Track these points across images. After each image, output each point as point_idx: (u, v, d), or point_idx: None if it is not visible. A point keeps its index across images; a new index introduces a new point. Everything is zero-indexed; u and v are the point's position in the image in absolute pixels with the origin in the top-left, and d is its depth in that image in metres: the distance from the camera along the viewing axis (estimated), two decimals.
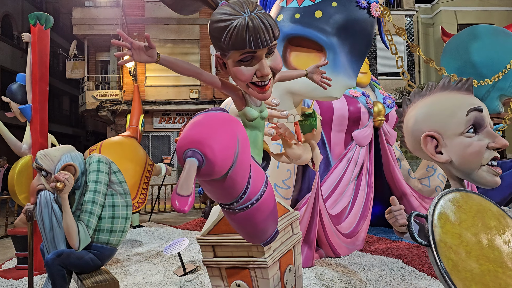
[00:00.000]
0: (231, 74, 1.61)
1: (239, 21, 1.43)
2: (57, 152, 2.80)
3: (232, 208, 1.57)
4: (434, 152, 1.93)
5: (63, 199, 2.61)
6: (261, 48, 1.48)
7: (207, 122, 1.33)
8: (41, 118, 4.04)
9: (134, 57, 1.50)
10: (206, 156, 1.26)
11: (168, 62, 1.58)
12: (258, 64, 1.55)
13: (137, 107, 7.91)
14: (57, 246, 2.71)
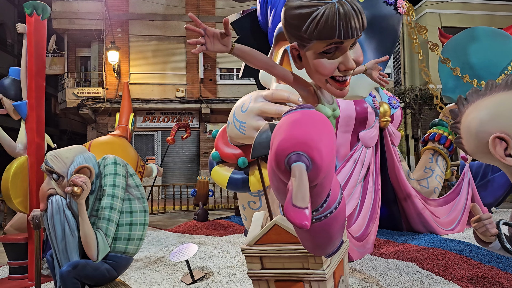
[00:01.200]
0: (310, 67, 1.43)
1: (328, 6, 1.26)
2: (69, 153, 2.55)
3: None
4: (503, 155, 1.81)
5: (80, 205, 2.37)
6: (350, 38, 1.31)
7: (310, 121, 1.16)
8: (37, 115, 3.74)
9: (207, 45, 1.31)
10: (314, 161, 1.09)
11: (243, 53, 1.40)
12: (342, 57, 1.39)
13: (127, 105, 7.58)
14: (70, 257, 2.47)
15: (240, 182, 3.66)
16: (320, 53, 1.37)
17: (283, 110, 2.92)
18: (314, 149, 1.08)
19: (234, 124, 3.38)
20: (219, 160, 3.78)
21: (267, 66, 1.45)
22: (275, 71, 1.47)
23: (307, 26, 1.30)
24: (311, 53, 1.39)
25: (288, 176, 1.12)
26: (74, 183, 2.30)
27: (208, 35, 1.29)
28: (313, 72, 1.44)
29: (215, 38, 1.31)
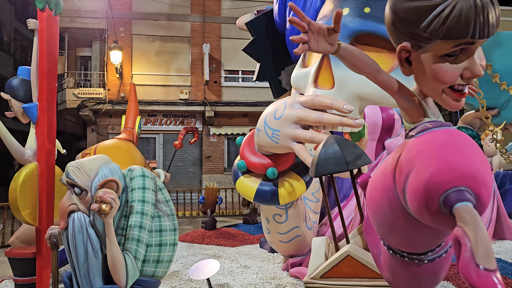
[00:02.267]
0: (425, 73, 1.16)
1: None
2: (93, 164, 2.27)
3: (420, 259, 1.16)
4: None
5: (108, 224, 2.08)
6: (485, 37, 1.04)
7: (467, 145, 0.88)
8: (49, 119, 3.44)
9: (310, 43, 1.03)
10: (480, 199, 0.82)
11: (350, 54, 1.13)
12: (467, 61, 1.11)
13: (133, 107, 7.28)
14: (92, 281, 2.18)
15: (269, 194, 3.37)
16: (441, 56, 1.10)
17: (325, 118, 2.64)
18: (482, 183, 0.81)
19: (265, 132, 3.10)
20: (245, 170, 3.49)
21: (373, 71, 1.18)
22: (379, 78, 1.20)
23: (429, 22, 1.03)
24: (429, 55, 1.11)
25: (437, 219, 0.85)
26: (101, 200, 2.02)
27: (312, 31, 1.02)
28: (427, 79, 1.17)
29: (320, 35, 1.04)
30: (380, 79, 1.21)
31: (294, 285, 3.69)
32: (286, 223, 3.83)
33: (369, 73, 1.19)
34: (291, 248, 4.06)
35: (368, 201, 1.21)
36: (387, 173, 1.06)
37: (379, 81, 1.21)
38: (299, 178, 3.46)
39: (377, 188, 1.12)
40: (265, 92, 12.51)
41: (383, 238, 1.20)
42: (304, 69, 3.31)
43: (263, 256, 4.90)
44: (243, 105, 12.38)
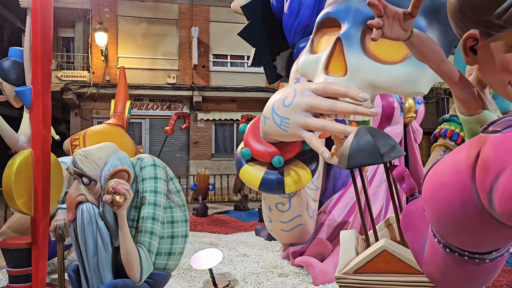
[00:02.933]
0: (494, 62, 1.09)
1: None
2: (101, 152, 2.15)
3: (482, 258, 1.12)
4: None
5: (121, 216, 1.98)
6: None
7: None
8: (43, 104, 3.26)
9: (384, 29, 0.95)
10: None
11: (421, 41, 1.05)
12: None
13: (123, 92, 7.07)
14: (102, 275, 2.08)
15: (275, 183, 3.30)
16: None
17: (338, 106, 2.57)
18: None
19: (273, 120, 3.01)
20: (250, 158, 3.41)
21: (439, 60, 1.11)
22: (443, 67, 1.13)
23: (506, 9, 0.96)
24: (500, 44, 1.04)
25: None
26: (115, 191, 1.91)
27: (388, 15, 0.93)
28: (494, 70, 1.09)
29: (395, 20, 0.96)
30: (443, 69, 1.13)
31: (297, 274, 3.66)
32: (288, 212, 3.78)
33: (435, 61, 1.11)
34: (293, 237, 4.02)
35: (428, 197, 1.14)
36: (461, 170, 0.99)
37: (442, 70, 1.14)
38: (305, 167, 3.40)
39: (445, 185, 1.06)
40: (253, 78, 12.38)
41: (442, 236, 1.14)
42: (313, 55, 3.22)
43: (260, 244, 4.86)
44: (232, 90, 12.22)
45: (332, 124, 2.68)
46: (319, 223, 4.35)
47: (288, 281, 3.48)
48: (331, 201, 4.61)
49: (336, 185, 4.85)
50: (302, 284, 3.42)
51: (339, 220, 4.35)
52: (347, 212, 4.42)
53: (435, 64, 1.13)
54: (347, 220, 4.32)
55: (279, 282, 3.46)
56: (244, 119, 7.76)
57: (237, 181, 7.85)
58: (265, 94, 12.31)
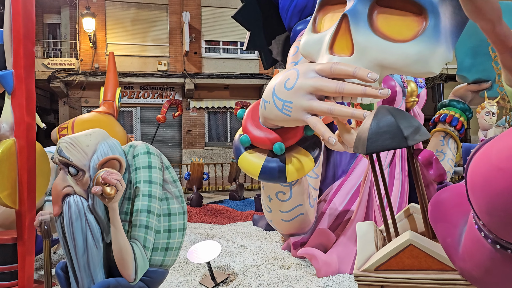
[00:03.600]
0: None
1: None
2: (89, 139, 1.95)
3: None
4: None
5: (113, 210, 1.79)
6: None
7: None
8: (27, 89, 3.04)
9: None
10: None
11: None
12: None
13: (113, 78, 6.81)
14: (93, 274, 1.90)
15: (276, 171, 3.12)
16: None
17: (345, 88, 2.39)
18: None
19: (274, 104, 2.82)
20: (249, 145, 3.22)
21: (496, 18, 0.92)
22: (498, 28, 0.95)
23: None
24: None
25: None
26: (105, 182, 1.71)
27: None
28: None
29: None
30: (498, 31, 0.95)
31: (299, 266, 3.51)
32: (289, 201, 3.61)
33: (491, 20, 0.92)
34: (293, 227, 3.87)
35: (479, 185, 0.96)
36: None
37: (497, 32, 0.95)
38: (308, 154, 3.22)
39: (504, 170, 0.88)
40: (247, 64, 12.12)
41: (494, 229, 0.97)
42: (316, 34, 3.02)
43: (259, 234, 4.70)
44: (225, 78, 11.96)
45: (339, 108, 2.49)
46: (320, 212, 4.20)
47: (290, 274, 3.33)
48: (331, 189, 4.46)
49: (336, 172, 4.69)
50: (304, 276, 3.27)
51: (341, 208, 4.20)
52: (349, 201, 4.27)
53: (491, 24, 0.95)
54: (348, 208, 4.18)
55: (281, 275, 3.31)
56: (238, 106, 7.55)
57: (232, 170, 7.68)
58: (258, 81, 12.07)
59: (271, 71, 12.31)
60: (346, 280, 3.12)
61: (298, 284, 3.13)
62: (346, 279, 3.15)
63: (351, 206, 4.19)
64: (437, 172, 1.41)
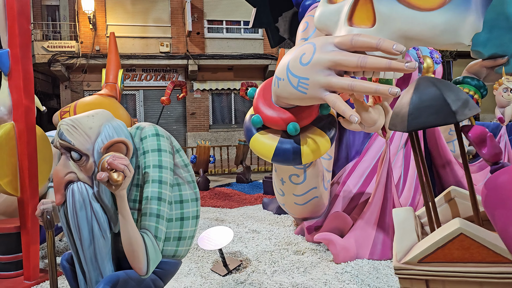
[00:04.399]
0: None
1: None
2: (92, 121, 1.78)
3: None
4: None
5: (121, 198, 1.64)
6: None
7: None
8: (24, 69, 2.87)
9: None
10: None
11: None
12: None
13: (114, 60, 6.58)
14: (101, 267, 1.76)
15: (291, 153, 2.96)
16: None
17: (368, 61, 2.19)
18: None
19: (288, 81, 2.63)
20: (261, 125, 3.04)
21: None
22: None
23: None
24: None
25: None
26: (111, 167, 1.54)
27: None
28: None
29: None
30: None
31: (314, 251, 3.38)
32: (303, 184, 3.45)
33: None
34: (307, 211, 3.72)
35: None
36: None
37: None
38: (323, 134, 3.04)
39: None
40: (251, 44, 11.82)
41: None
42: (332, 5, 2.81)
43: (270, 218, 4.57)
44: (228, 58, 11.67)
45: (360, 83, 2.29)
46: (333, 195, 4.05)
47: (306, 259, 3.20)
48: (344, 171, 4.30)
49: (349, 153, 4.52)
50: (321, 262, 3.13)
51: (355, 191, 4.04)
52: (363, 182, 4.11)
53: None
54: (363, 190, 4.02)
55: (296, 261, 3.18)
56: (244, 87, 7.33)
57: (239, 152, 7.52)
58: (263, 61, 11.77)
59: (276, 50, 12.01)
60: (365, 266, 2.98)
61: (314, 270, 2.99)
62: (364, 264, 3.01)
63: (366, 188, 4.03)
64: (491, 151, 1.23)
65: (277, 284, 2.82)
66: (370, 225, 3.22)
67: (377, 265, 3.00)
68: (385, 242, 3.17)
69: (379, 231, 3.21)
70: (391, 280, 2.77)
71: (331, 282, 2.77)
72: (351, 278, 2.82)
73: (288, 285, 2.78)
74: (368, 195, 3.95)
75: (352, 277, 2.83)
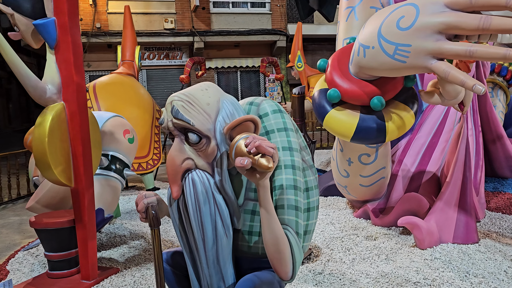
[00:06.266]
0: None
1: None
2: (207, 95, 1.46)
3: None
4: None
5: (264, 188, 1.34)
6: None
7: None
8: (73, 41, 2.49)
9: None
10: None
11: None
12: None
13: (130, 36, 6.17)
14: (223, 270, 1.49)
15: (375, 130, 2.67)
16: None
17: (493, 23, 1.91)
18: None
19: (381, 49, 2.31)
20: (338, 101, 2.74)
21: None
22: None
23: None
24: None
25: None
26: (260, 152, 1.23)
27: None
28: None
29: None
30: None
31: (387, 236, 3.13)
32: (373, 164, 3.18)
33: None
34: (371, 193, 3.46)
35: None
36: None
37: None
38: (408, 108, 2.74)
39: None
40: (258, 19, 11.31)
41: None
42: None
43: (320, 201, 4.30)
44: (235, 34, 11.17)
45: (484, 49, 1.99)
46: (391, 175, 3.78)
47: (382, 245, 2.95)
48: (397, 149, 4.02)
49: None
50: (402, 248, 2.89)
51: (413, 170, 3.78)
52: (420, 160, 3.84)
53: None
54: (423, 169, 3.76)
55: (372, 247, 2.93)
56: (265, 63, 6.94)
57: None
58: (271, 37, 11.30)
59: (284, 26, 11.58)
60: (453, 251, 2.75)
61: (398, 258, 2.75)
62: (451, 249, 2.77)
63: (426, 167, 3.78)
64: None
65: (362, 274, 2.58)
66: (451, 207, 2.97)
67: (465, 250, 2.77)
68: (468, 224, 2.93)
69: (460, 213, 2.97)
70: (489, 265, 2.54)
71: (423, 270, 2.53)
72: (444, 264, 2.58)
73: (376, 275, 2.54)
74: (429, 173, 3.71)
75: (445, 264, 2.59)
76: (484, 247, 2.80)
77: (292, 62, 7.24)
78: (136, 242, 3.40)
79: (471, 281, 2.37)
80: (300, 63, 7.15)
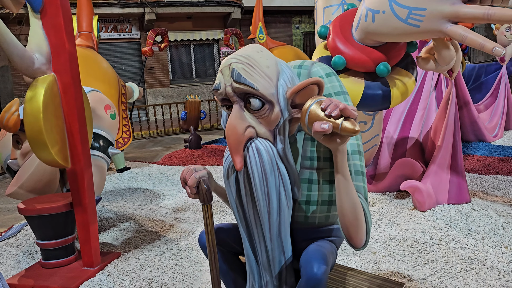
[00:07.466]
0: None
1: None
2: (265, 57, 1.35)
3: None
4: None
5: (342, 153, 1.28)
6: None
7: None
8: (62, 4, 2.22)
9: None
10: None
11: None
12: None
13: (86, 4, 5.64)
14: (284, 243, 1.44)
15: (380, 97, 2.68)
16: None
17: None
18: None
19: (393, 13, 2.31)
20: (343, 68, 2.71)
21: None
22: None
23: None
24: None
25: None
26: (345, 114, 1.16)
27: None
28: None
29: None
30: None
31: (383, 201, 3.22)
32: (369, 132, 3.21)
33: None
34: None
35: None
36: None
37: None
38: (409, 74, 2.78)
39: None
40: None
41: None
42: None
43: None
44: (189, 6, 10.70)
45: (500, 11, 2.04)
46: None
47: (382, 211, 3.03)
48: None
49: None
50: (402, 211, 2.98)
51: (396, 136, 3.90)
52: (402, 128, 3.97)
53: None
54: (405, 135, 3.89)
55: (373, 213, 3.00)
56: (229, 34, 6.73)
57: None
58: (225, 9, 10.97)
59: None
60: (450, 211, 2.88)
61: (401, 220, 2.83)
62: (448, 209, 2.90)
63: (408, 133, 3.91)
64: None
65: (372, 239, 2.63)
66: (443, 170, 3.10)
67: (461, 209, 2.91)
68: (460, 185, 3.07)
69: (453, 175, 3.10)
70: (486, 222, 2.69)
71: (428, 231, 2.63)
72: (446, 224, 2.70)
73: (385, 239, 2.60)
74: (412, 139, 3.84)
75: (447, 224, 2.71)
76: (477, 206, 2.96)
77: (254, 34, 7.09)
78: (126, 224, 3.21)
79: (475, 238, 2.50)
80: (262, 35, 7.01)
